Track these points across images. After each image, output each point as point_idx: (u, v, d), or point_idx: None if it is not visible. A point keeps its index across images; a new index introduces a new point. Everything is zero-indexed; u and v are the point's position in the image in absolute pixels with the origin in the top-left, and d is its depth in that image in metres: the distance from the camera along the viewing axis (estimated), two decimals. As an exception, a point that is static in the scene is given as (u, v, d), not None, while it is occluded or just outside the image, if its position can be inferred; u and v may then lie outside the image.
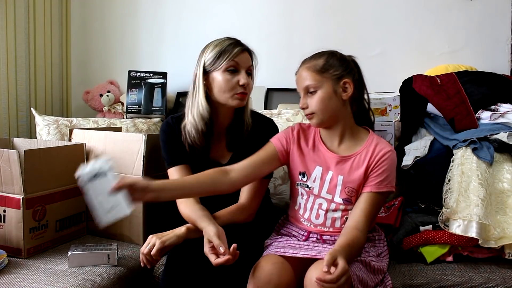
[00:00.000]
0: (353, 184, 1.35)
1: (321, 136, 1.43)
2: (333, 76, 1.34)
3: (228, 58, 1.44)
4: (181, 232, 1.36)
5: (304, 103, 1.36)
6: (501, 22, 2.23)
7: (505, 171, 1.54)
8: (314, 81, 1.34)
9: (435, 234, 1.51)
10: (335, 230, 1.38)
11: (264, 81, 2.35)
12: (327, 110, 1.35)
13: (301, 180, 1.42)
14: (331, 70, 1.35)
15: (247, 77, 1.46)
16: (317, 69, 1.35)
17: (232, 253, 1.20)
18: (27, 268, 1.43)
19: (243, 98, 1.46)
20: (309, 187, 1.40)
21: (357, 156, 1.37)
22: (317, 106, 1.34)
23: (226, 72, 1.45)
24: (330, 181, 1.38)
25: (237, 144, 1.53)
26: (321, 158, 1.40)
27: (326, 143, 1.42)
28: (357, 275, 1.21)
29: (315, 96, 1.34)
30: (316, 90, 1.34)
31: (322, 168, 1.39)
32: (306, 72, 1.36)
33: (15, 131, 2.28)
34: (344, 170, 1.36)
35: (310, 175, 1.40)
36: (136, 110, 2.33)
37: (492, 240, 1.41)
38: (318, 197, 1.39)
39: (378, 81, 1.59)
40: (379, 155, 1.34)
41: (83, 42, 2.67)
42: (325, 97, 1.34)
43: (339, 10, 2.39)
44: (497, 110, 1.76)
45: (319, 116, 1.35)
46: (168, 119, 1.57)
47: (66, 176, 1.67)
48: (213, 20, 2.50)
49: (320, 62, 1.36)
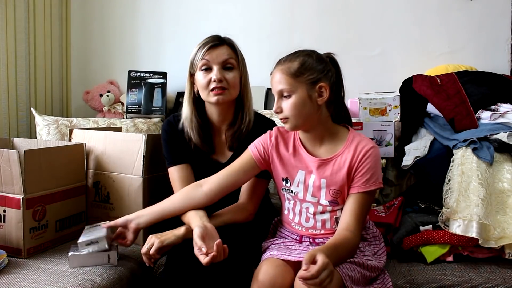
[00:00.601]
0: (336, 185, 1.32)
1: (301, 139, 1.39)
2: (308, 81, 1.28)
3: (199, 58, 1.46)
4: (180, 232, 1.36)
5: (278, 107, 1.31)
6: (501, 22, 2.23)
7: (505, 171, 1.54)
8: (288, 86, 1.28)
9: (435, 234, 1.51)
10: (326, 232, 1.37)
11: (264, 81, 2.34)
12: (301, 115, 1.29)
13: (285, 186, 1.40)
14: (306, 74, 1.28)
15: (221, 72, 1.44)
16: (291, 73, 1.28)
17: (217, 249, 1.20)
18: (27, 268, 1.42)
19: (220, 93, 1.44)
20: (294, 192, 1.38)
21: (338, 158, 1.33)
22: (291, 112, 1.29)
23: (201, 71, 1.46)
24: (313, 185, 1.35)
25: (237, 143, 1.53)
26: (302, 162, 1.37)
27: (306, 146, 1.38)
28: (349, 275, 1.21)
29: (289, 100, 1.29)
30: (291, 94, 1.29)
31: (304, 172, 1.36)
32: (280, 75, 1.30)
33: (15, 131, 2.28)
34: (326, 173, 1.33)
35: (293, 180, 1.38)
36: (136, 110, 2.33)
37: (492, 240, 1.42)
38: (304, 202, 1.37)
39: (378, 81, 1.60)
40: (361, 154, 1.30)
41: (83, 42, 2.67)
42: (299, 103, 1.28)
43: (339, 10, 2.39)
44: (497, 110, 1.76)
45: (293, 121, 1.31)
46: (170, 118, 1.58)
47: (66, 176, 1.67)
48: (213, 20, 2.50)
49: (295, 65, 1.29)
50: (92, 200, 1.77)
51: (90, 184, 1.78)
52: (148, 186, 1.68)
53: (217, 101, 1.45)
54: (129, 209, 1.69)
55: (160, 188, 1.68)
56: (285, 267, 1.27)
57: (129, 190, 1.69)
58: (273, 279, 1.23)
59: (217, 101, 1.45)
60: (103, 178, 1.75)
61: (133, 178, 1.68)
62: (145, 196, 1.68)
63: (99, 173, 1.76)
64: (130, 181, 1.69)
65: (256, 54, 1.53)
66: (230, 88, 1.46)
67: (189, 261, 1.31)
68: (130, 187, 1.69)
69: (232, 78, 1.46)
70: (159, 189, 1.70)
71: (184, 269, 1.31)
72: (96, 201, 1.77)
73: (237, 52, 1.50)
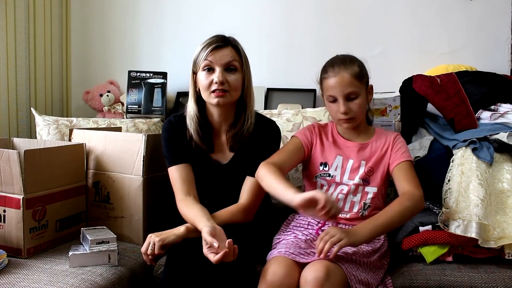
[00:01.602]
0: (372, 164, 1.49)
1: (338, 131, 1.56)
2: (366, 83, 1.48)
3: (203, 58, 1.45)
4: (180, 231, 1.36)
5: (347, 108, 1.45)
6: (501, 22, 2.23)
7: (505, 171, 1.54)
8: (356, 88, 1.44)
9: (435, 234, 1.51)
10: (352, 216, 1.46)
11: (264, 81, 2.36)
12: (362, 114, 1.50)
13: (322, 171, 1.51)
14: (365, 77, 1.48)
15: (224, 74, 1.44)
16: (357, 76, 1.44)
17: (229, 247, 1.20)
18: (27, 268, 1.42)
19: (221, 95, 1.44)
20: (331, 176, 1.50)
21: (373, 143, 1.52)
22: (358, 111, 1.46)
23: (204, 71, 1.46)
24: (351, 168, 1.49)
25: (238, 145, 1.52)
26: (341, 148, 1.53)
27: (344, 136, 1.55)
28: (354, 275, 1.22)
29: (356, 101, 1.45)
30: (358, 96, 1.44)
31: (342, 157, 1.51)
32: (349, 78, 1.43)
33: (15, 131, 2.28)
34: (365, 155, 1.50)
35: (331, 164, 1.51)
36: (136, 110, 2.33)
37: (492, 240, 1.41)
38: (340, 184, 1.49)
39: (378, 81, 1.60)
40: (392, 138, 1.51)
41: (83, 42, 2.67)
42: (363, 103, 1.47)
43: (339, 10, 2.39)
44: (497, 110, 1.76)
45: (357, 120, 1.49)
46: (171, 118, 1.58)
47: (66, 176, 1.68)
48: (213, 20, 2.50)
49: (356, 68, 1.45)
50: (92, 200, 1.78)
51: (90, 184, 1.78)
52: (148, 186, 1.68)
53: (218, 103, 1.45)
54: (129, 209, 1.69)
55: (160, 188, 1.69)
56: (293, 267, 1.27)
57: (129, 190, 1.69)
58: (281, 279, 1.23)
59: (218, 103, 1.45)
60: (103, 178, 1.75)
61: (133, 178, 1.68)
62: (145, 196, 1.68)
63: (99, 173, 1.76)
64: (130, 181, 1.69)
65: (256, 54, 1.53)
66: (232, 90, 1.46)
67: (189, 261, 1.32)
68: (130, 187, 1.69)
69: (234, 81, 1.46)
70: (159, 189, 1.70)
71: (184, 269, 1.31)
72: (96, 201, 1.77)
73: (241, 54, 1.49)
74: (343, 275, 1.20)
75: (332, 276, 1.18)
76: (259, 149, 1.51)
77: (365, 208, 1.47)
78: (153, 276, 1.52)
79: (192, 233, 1.36)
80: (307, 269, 1.21)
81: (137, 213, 1.68)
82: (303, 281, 1.20)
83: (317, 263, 1.21)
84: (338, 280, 1.19)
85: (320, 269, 1.19)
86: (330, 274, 1.18)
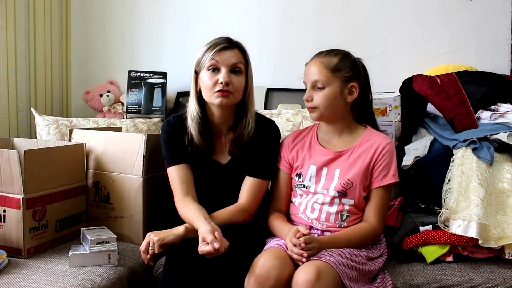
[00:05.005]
0: (349, 176, 1.41)
1: (318, 136, 1.50)
2: (343, 78, 1.41)
3: (209, 57, 1.45)
4: (179, 231, 1.36)
5: (309, 96, 1.42)
6: (501, 22, 2.23)
7: (505, 171, 1.54)
8: (324, 78, 1.40)
9: (435, 234, 1.51)
10: (328, 227, 1.41)
11: (264, 81, 2.35)
12: (329, 107, 1.41)
13: (297, 182, 1.48)
14: (342, 71, 1.41)
15: (229, 75, 1.44)
16: (330, 67, 1.40)
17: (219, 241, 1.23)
18: (27, 268, 1.42)
19: (225, 96, 1.43)
20: (306, 187, 1.46)
21: (353, 150, 1.43)
22: (322, 102, 1.40)
23: (208, 71, 1.45)
24: (325, 177, 1.43)
25: (238, 149, 1.52)
26: (316, 157, 1.46)
27: (322, 142, 1.48)
28: (346, 273, 1.22)
29: (321, 92, 1.40)
30: (324, 86, 1.40)
31: (316, 166, 1.45)
32: (319, 67, 1.41)
33: (15, 131, 2.28)
34: (341, 164, 1.43)
35: (305, 175, 1.46)
36: (136, 110, 2.33)
37: (492, 240, 1.41)
38: (315, 194, 1.44)
39: (378, 81, 1.60)
40: (379, 150, 1.41)
41: (83, 42, 2.67)
42: (331, 96, 1.40)
43: (339, 10, 2.39)
44: (497, 110, 1.76)
45: (320, 111, 1.42)
46: (170, 118, 1.57)
47: (66, 176, 1.67)
48: (213, 20, 2.50)
49: (334, 60, 1.41)
50: (92, 200, 1.78)
51: (90, 184, 1.78)
52: (148, 186, 1.68)
53: (220, 103, 1.45)
54: (129, 209, 1.69)
55: (160, 188, 1.68)
56: (284, 259, 1.27)
57: (129, 190, 1.69)
58: (269, 271, 1.23)
59: (220, 103, 1.45)
60: (103, 178, 1.75)
61: (133, 178, 1.68)
62: (145, 196, 1.68)
63: (99, 173, 1.76)
64: (130, 181, 1.69)
65: (256, 54, 1.53)
66: (235, 92, 1.46)
67: (189, 261, 1.32)
68: (130, 187, 1.69)
69: (238, 83, 1.46)
70: (159, 189, 1.70)
71: (183, 269, 1.31)
72: (96, 201, 1.77)
73: (246, 57, 1.50)
74: (335, 273, 1.20)
75: (323, 276, 1.18)
76: (258, 149, 1.51)
77: (344, 219, 1.42)
78: (153, 276, 1.52)
79: (191, 233, 1.36)
80: (298, 271, 1.22)
81: (137, 213, 1.68)
82: (294, 283, 1.21)
83: (307, 265, 1.22)
84: (330, 280, 1.19)
85: (311, 271, 1.18)
86: (320, 274, 1.18)
